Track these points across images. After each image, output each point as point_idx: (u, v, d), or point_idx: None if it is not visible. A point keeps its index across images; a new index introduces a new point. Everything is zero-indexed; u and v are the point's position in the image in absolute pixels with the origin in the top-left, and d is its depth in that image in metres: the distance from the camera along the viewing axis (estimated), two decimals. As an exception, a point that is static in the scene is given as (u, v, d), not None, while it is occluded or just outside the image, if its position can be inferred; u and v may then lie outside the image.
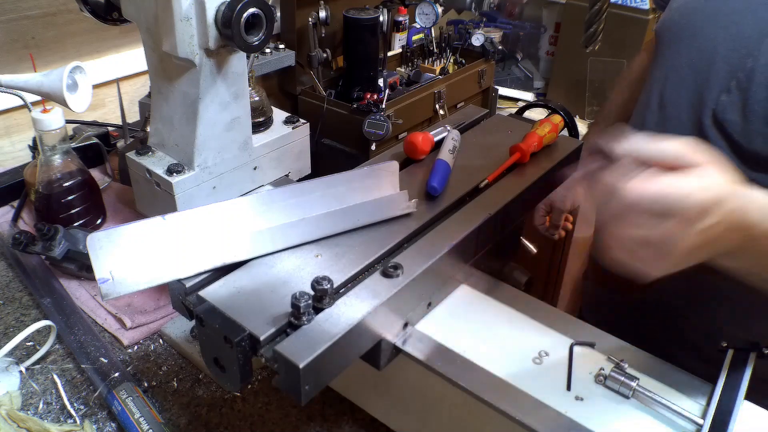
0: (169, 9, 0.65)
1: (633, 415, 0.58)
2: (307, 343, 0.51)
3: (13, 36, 1.17)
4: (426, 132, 0.82)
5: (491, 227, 0.72)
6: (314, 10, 1.49)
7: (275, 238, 0.63)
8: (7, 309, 0.89)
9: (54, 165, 0.96)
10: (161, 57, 0.73)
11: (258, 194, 0.63)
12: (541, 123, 0.84)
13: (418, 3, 1.70)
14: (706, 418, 0.56)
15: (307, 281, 0.57)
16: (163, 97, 0.76)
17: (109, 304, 0.88)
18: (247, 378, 0.55)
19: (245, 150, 0.81)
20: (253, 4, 0.65)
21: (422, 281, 0.62)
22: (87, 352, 0.80)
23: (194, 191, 0.77)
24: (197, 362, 0.80)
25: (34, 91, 0.94)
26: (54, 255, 0.87)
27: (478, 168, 0.78)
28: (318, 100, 1.52)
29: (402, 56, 1.83)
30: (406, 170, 0.79)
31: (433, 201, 0.72)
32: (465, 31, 1.83)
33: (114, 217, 1.06)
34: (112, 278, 0.56)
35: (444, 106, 1.61)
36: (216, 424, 0.73)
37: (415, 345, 0.62)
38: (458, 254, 0.67)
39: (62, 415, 0.73)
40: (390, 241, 0.65)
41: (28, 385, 0.77)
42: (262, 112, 0.87)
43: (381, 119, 1.38)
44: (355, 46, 1.54)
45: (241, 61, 0.74)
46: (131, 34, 1.31)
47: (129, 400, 0.72)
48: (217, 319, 0.54)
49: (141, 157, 0.79)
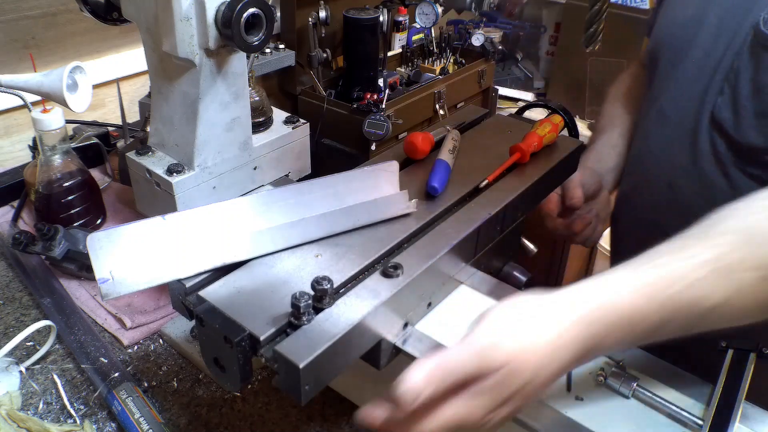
0: (169, 9, 0.65)
1: (633, 415, 0.58)
2: (307, 343, 0.51)
3: (13, 36, 1.17)
4: (426, 132, 0.82)
5: (491, 227, 0.72)
6: (314, 10, 1.49)
7: (275, 238, 0.63)
8: (7, 309, 0.89)
9: (54, 165, 0.96)
10: (161, 57, 0.73)
11: (258, 194, 0.62)
12: (541, 123, 0.84)
13: (418, 3, 1.70)
14: (706, 418, 0.56)
15: (307, 281, 0.57)
16: (163, 97, 0.76)
17: (109, 304, 0.88)
18: (247, 378, 0.55)
19: (245, 150, 0.81)
20: (253, 4, 0.65)
21: (422, 281, 0.62)
22: (87, 352, 0.80)
23: (194, 191, 0.77)
24: (197, 362, 0.80)
25: (34, 91, 0.94)
26: (54, 255, 0.86)
27: (478, 168, 0.78)
28: (318, 100, 1.51)
29: (402, 56, 1.83)
30: (406, 170, 0.78)
31: (433, 201, 0.72)
32: (465, 31, 1.82)
33: (114, 217, 1.06)
34: (112, 278, 0.56)
35: (444, 106, 1.61)
36: (216, 424, 0.73)
37: (415, 345, 0.62)
38: (458, 254, 0.67)
39: (62, 415, 0.73)
40: (390, 241, 0.65)
41: (28, 385, 0.77)
42: (262, 112, 0.87)
43: (381, 119, 1.38)
44: (355, 46, 1.54)
45: (241, 61, 0.74)
46: (131, 34, 1.31)
47: (129, 400, 0.72)
48: (217, 319, 0.54)
49: (141, 157, 0.79)
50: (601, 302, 0.48)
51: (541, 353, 0.46)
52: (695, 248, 0.51)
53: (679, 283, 0.49)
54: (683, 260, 0.50)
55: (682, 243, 0.52)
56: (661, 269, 0.49)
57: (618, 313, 0.48)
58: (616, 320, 0.48)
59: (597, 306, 0.48)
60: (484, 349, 0.46)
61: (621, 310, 0.48)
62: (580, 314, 0.47)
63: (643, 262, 0.51)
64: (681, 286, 0.48)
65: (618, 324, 0.48)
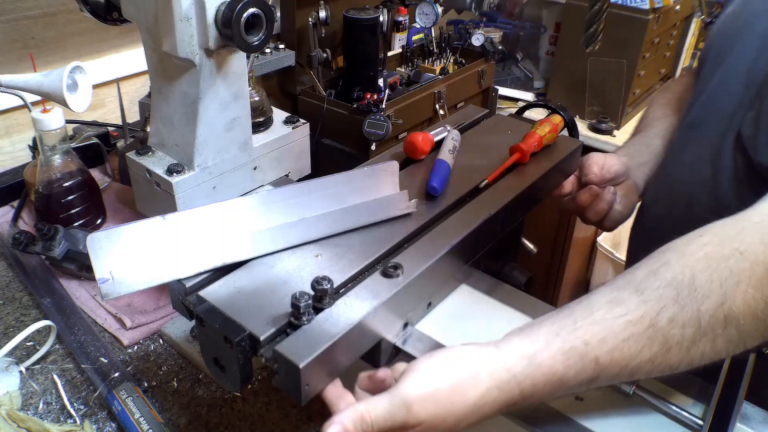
0: (169, 9, 0.65)
1: (633, 415, 0.58)
2: (307, 343, 0.51)
3: (13, 36, 1.17)
4: (426, 132, 0.82)
5: (491, 227, 0.72)
6: (314, 10, 1.49)
7: (275, 238, 0.63)
8: (7, 309, 0.89)
9: (54, 165, 0.96)
10: (161, 57, 0.73)
11: (258, 194, 0.63)
12: (541, 123, 0.84)
13: (418, 3, 1.70)
14: (706, 418, 0.57)
15: (307, 281, 0.57)
16: (163, 97, 0.76)
17: (109, 304, 0.88)
18: (247, 378, 0.55)
19: (245, 150, 0.81)
20: (253, 4, 0.65)
21: (422, 281, 0.62)
22: (87, 352, 0.80)
23: (194, 191, 0.77)
24: (197, 362, 0.80)
25: (34, 91, 0.94)
26: (54, 255, 0.86)
27: (478, 168, 0.78)
28: (318, 100, 1.52)
29: (402, 56, 1.83)
30: (406, 170, 0.79)
31: (433, 201, 0.72)
32: (465, 31, 1.82)
33: (114, 217, 1.06)
34: (112, 278, 0.56)
35: (444, 106, 1.61)
36: (216, 424, 0.73)
37: (415, 345, 0.62)
38: (458, 254, 0.67)
39: (62, 415, 0.73)
40: (390, 241, 0.65)
41: (28, 385, 0.77)
42: (262, 112, 0.87)
43: (381, 119, 1.38)
44: (355, 46, 1.54)
45: (241, 61, 0.74)
46: (131, 34, 1.31)
47: (129, 400, 0.71)
48: (217, 319, 0.54)
49: (141, 157, 0.79)
50: (526, 366, 0.50)
51: (461, 415, 0.49)
52: (628, 303, 0.51)
53: (608, 343, 0.50)
54: (614, 318, 0.51)
55: (617, 295, 0.52)
56: (593, 327, 0.51)
57: (545, 375, 0.50)
58: (544, 381, 0.50)
59: (521, 371, 0.50)
60: (407, 405, 0.48)
61: (549, 373, 0.50)
62: (505, 378, 0.49)
63: (577, 318, 0.51)
64: (609, 347, 0.50)
65: (546, 383, 0.50)
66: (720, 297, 0.50)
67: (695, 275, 0.51)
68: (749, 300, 0.50)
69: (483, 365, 0.50)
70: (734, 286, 0.50)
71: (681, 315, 0.50)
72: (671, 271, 0.52)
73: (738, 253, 0.52)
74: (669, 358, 0.51)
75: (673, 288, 0.51)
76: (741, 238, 0.53)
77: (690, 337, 0.51)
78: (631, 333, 0.50)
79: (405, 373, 0.50)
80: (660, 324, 0.50)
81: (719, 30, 0.83)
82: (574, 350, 0.50)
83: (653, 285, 0.52)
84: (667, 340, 0.50)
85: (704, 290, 0.51)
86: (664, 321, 0.50)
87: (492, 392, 0.49)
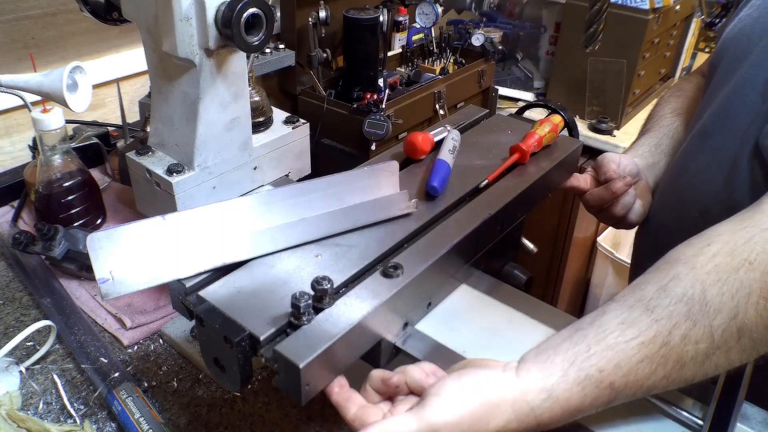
0: (169, 9, 0.65)
1: (633, 415, 0.58)
2: (307, 343, 0.51)
3: (13, 36, 1.17)
4: (426, 132, 0.82)
5: (491, 227, 0.72)
6: (314, 10, 1.49)
7: (275, 238, 0.63)
8: (7, 309, 0.89)
9: (54, 165, 0.96)
10: (161, 57, 0.73)
11: (258, 194, 0.63)
12: (541, 123, 0.84)
13: (418, 3, 1.70)
14: (706, 418, 0.57)
15: (307, 281, 0.57)
16: (163, 97, 0.76)
17: (109, 304, 0.88)
18: (247, 378, 0.55)
19: (245, 150, 0.81)
20: (253, 4, 0.65)
21: (422, 281, 0.62)
22: (87, 352, 0.80)
23: (194, 191, 0.77)
24: (197, 362, 0.80)
25: (34, 91, 0.94)
26: (54, 255, 0.86)
27: (478, 168, 0.78)
28: (318, 100, 1.52)
29: (402, 56, 1.83)
30: (406, 170, 0.79)
31: (433, 201, 0.72)
32: (465, 31, 1.83)
33: (114, 217, 1.06)
34: (112, 278, 0.56)
35: (444, 106, 1.61)
36: (216, 424, 0.73)
37: (415, 345, 0.62)
38: (458, 254, 0.67)
39: (62, 415, 0.73)
40: (390, 241, 0.65)
41: (28, 385, 0.77)
42: (262, 112, 0.87)
43: (381, 119, 1.38)
44: (355, 46, 1.54)
45: (241, 61, 0.74)
46: (131, 34, 1.31)
47: (129, 400, 0.71)
48: (217, 319, 0.54)
49: (141, 157, 0.79)
50: (545, 400, 0.50)
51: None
52: (639, 324, 0.51)
53: (622, 368, 0.50)
54: (626, 342, 0.50)
55: (628, 315, 0.52)
56: (608, 353, 0.50)
57: (563, 407, 0.50)
58: (561, 412, 0.50)
59: (539, 404, 0.50)
60: (432, 427, 0.48)
61: (567, 404, 0.50)
62: (525, 411, 0.49)
63: (591, 344, 0.51)
64: (624, 372, 0.50)
65: (563, 413, 0.50)
66: (732, 310, 0.50)
67: (706, 289, 0.51)
68: (761, 310, 0.50)
69: (505, 395, 0.50)
70: (746, 298, 0.50)
71: (693, 331, 0.50)
72: (681, 286, 0.52)
73: (747, 263, 0.51)
74: (683, 373, 0.51)
75: (684, 304, 0.51)
76: (750, 247, 0.52)
77: (704, 351, 0.50)
78: (645, 354, 0.50)
79: (430, 396, 0.50)
80: (673, 342, 0.50)
81: (734, 35, 0.80)
82: (589, 379, 0.50)
83: (663, 303, 0.51)
84: (681, 357, 0.50)
85: (716, 304, 0.50)
86: (676, 339, 0.50)
87: (512, 424, 0.49)
